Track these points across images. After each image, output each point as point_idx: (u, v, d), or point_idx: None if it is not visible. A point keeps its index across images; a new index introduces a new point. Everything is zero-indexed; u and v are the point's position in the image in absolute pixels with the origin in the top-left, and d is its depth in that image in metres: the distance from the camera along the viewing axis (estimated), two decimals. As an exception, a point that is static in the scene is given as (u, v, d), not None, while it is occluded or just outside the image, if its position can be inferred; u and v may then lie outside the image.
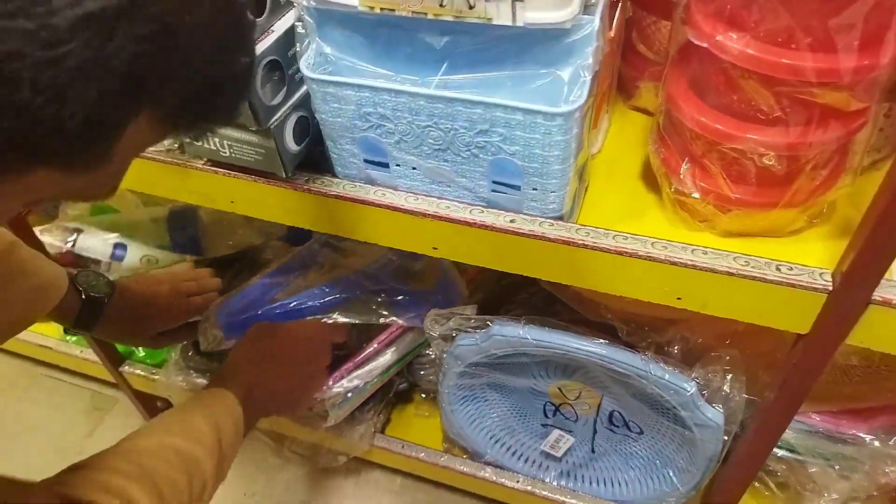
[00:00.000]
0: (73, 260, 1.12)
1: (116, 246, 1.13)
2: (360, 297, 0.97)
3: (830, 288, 0.55)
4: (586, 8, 0.53)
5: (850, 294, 0.54)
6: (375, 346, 0.97)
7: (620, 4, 0.63)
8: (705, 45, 0.52)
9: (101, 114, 0.33)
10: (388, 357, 0.97)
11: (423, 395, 1.11)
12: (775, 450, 0.88)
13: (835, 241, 0.60)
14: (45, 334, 1.26)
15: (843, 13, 0.46)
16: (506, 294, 1.07)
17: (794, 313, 0.58)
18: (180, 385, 1.10)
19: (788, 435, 0.86)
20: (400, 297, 0.97)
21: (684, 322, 0.85)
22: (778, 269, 0.56)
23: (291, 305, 0.97)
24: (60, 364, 1.31)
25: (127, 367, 1.18)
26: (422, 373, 1.05)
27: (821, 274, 0.56)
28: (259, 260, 1.16)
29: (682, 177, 0.60)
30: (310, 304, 0.97)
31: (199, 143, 0.66)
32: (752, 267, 0.56)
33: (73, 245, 1.12)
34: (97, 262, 1.13)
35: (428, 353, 1.03)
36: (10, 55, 0.29)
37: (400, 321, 0.95)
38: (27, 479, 0.55)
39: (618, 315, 0.86)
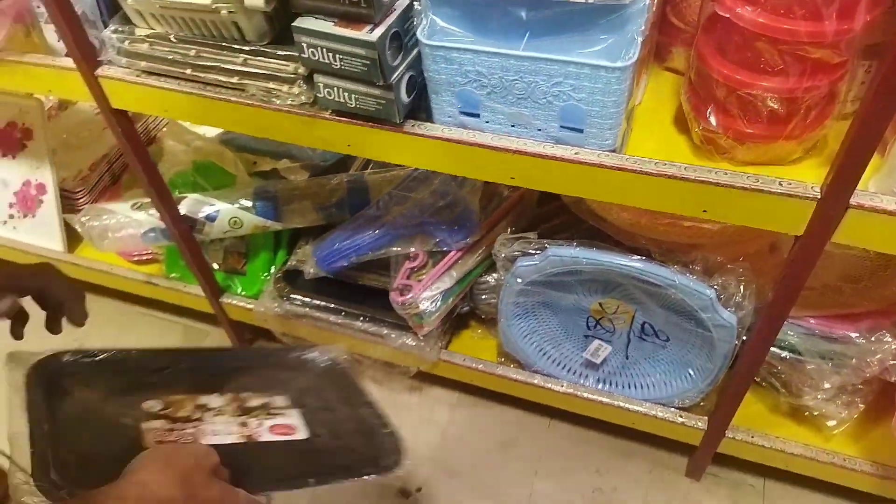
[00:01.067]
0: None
1: (211, 207, 1.31)
2: (403, 234, 1.20)
3: (819, 196, 0.73)
4: (639, -12, 0.71)
5: (832, 200, 0.73)
6: (453, 255, 1.18)
7: (659, -15, 0.82)
8: (727, 15, 0.71)
9: None
10: (468, 265, 1.18)
11: (482, 317, 1.30)
12: (779, 351, 1.07)
13: (825, 167, 0.78)
14: (151, 273, 1.46)
15: (827, -10, 0.65)
16: (549, 236, 1.25)
17: (792, 218, 0.76)
18: (275, 311, 1.30)
19: (790, 337, 1.05)
20: (432, 229, 1.19)
21: (704, 246, 1.04)
22: (780, 184, 0.75)
23: (364, 241, 1.21)
24: (165, 299, 1.49)
25: (226, 298, 1.39)
26: (483, 297, 1.24)
27: (811, 186, 0.74)
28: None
29: (708, 117, 0.79)
30: (374, 240, 1.21)
31: (331, 98, 0.85)
32: (761, 183, 0.75)
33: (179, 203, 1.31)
34: (193, 220, 1.31)
35: (487, 280, 1.22)
36: None
37: (429, 248, 1.18)
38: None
39: (650, 242, 1.05)
